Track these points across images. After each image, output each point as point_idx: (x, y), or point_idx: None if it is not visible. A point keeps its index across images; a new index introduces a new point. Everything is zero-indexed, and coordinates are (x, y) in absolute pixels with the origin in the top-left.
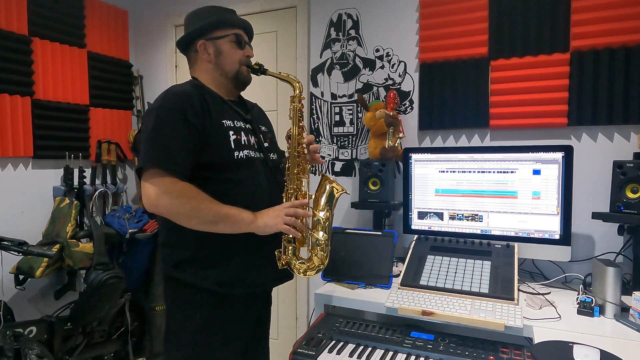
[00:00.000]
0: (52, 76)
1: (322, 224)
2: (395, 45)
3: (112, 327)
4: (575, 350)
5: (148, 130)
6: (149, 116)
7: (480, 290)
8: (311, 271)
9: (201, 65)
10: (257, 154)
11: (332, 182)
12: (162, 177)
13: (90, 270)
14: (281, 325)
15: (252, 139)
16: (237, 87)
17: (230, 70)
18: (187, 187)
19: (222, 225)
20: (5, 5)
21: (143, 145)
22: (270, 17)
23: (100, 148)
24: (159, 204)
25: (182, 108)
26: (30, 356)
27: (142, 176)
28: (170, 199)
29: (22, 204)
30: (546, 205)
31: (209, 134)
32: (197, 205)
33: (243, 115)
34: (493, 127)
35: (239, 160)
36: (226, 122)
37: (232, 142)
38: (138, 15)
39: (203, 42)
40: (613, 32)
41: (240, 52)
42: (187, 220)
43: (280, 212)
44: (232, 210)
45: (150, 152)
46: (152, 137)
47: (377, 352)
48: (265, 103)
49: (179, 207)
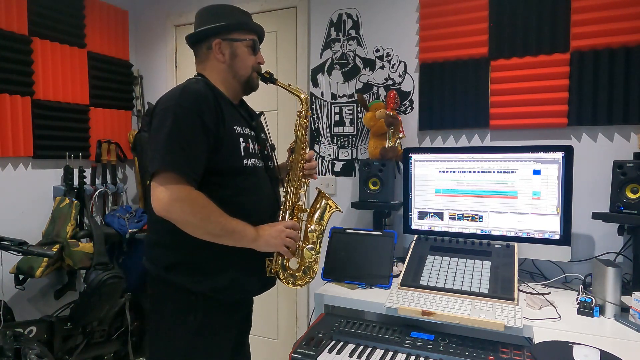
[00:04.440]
0: (52, 76)
1: (314, 239)
2: (395, 45)
3: (112, 327)
4: (575, 350)
5: (165, 129)
6: (164, 113)
7: (480, 291)
8: (300, 281)
9: (213, 64)
10: (260, 162)
11: (328, 199)
12: (178, 183)
13: (90, 270)
14: (281, 325)
15: (256, 147)
16: (245, 92)
17: (244, 74)
18: (200, 197)
19: (226, 239)
20: (5, 5)
21: (159, 145)
22: (270, 17)
23: (100, 148)
24: (170, 210)
25: (200, 110)
26: (30, 356)
27: (155, 178)
28: (182, 207)
29: (22, 204)
30: (546, 206)
31: (222, 139)
32: (207, 217)
33: (249, 122)
34: (493, 127)
35: (247, 169)
36: (237, 129)
37: (242, 150)
38: (138, 15)
39: (219, 42)
40: (613, 32)
41: (254, 58)
42: (193, 229)
43: (281, 234)
44: (238, 226)
45: (169, 155)
46: (170, 139)
47: (377, 352)
48: (266, 103)
49: (189, 216)
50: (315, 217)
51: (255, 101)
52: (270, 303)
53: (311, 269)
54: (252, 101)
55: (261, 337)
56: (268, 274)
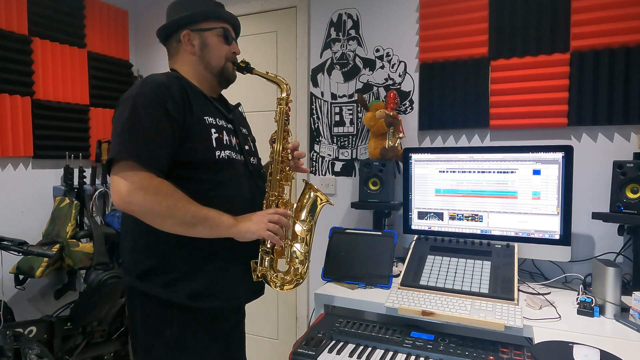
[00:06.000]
0: (52, 76)
1: (302, 235)
2: (395, 45)
3: (112, 327)
4: (575, 350)
5: (123, 118)
6: (125, 103)
7: (480, 291)
8: (288, 285)
9: (183, 57)
10: (238, 156)
11: (317, 191)
12: (137, 171)
13: (90, 270)
14: (281, 325)
15: (234, 140)
16: (221, 84)
17: (216, 65)
18: (164, 184)
19: (200, 227)
20: (5, 5)
21: (116, 135)
22: (270, 17)
23: (100, 148)
24: (131, 201)
25: (162, 98)
26: (30, 356)
27: (112, 169)
28: (144, 196)
29: (22, 204)
30: (546, 206)
31: (189, 129)
32: (173, 204)
33: (225, 114)
34: (493, 127)
35: (220, 161)
36: (208, 119)
37: (213, 141)
38: (138, 15)
39: (188, 33)
40: (613, 32)
41: (227, 47)
42: (161, 220)
43: (263, 218)
44: (211, 213)
45: (126, 144)
46: (128, 127)
47: (377, 352)
48: (265, 104)
49: (153, 205)
50: (304, 212)
51: (252, 101)
52: (270, 303)
53: (300, 270)
54: (249, 102)
55: (261, 337)
56: (255, 279)
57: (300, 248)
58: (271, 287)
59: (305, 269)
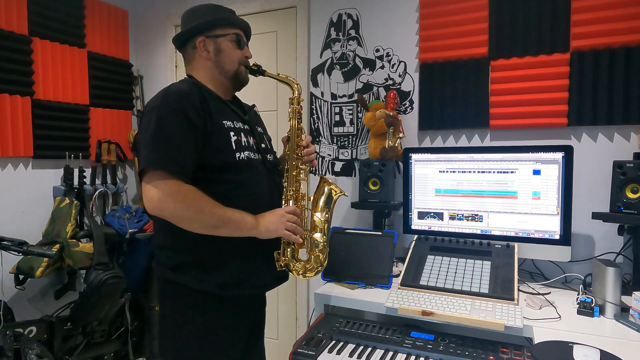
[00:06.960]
0: (52, 76)
1: (321, 226)
2: (395, 45)
3: (112, 327)
4: (575, 350)
5: (150, 130)
6: (149, 115)
7: (480, 291)
8: (310, 272)
9: (199, 63)
10: (256, 155)
11: (331, 184)
12: (166, 179)
13: (90, 270)
14: (281, 325)
15: (251, 140)
16: (235, 87)
17: (230, 69)
18: (191, 190)
19: (225, 229)
20: (5, 5)
21: (144, 146)
22: (270, 17)
23: (100, 148)
24: (162, 207)
25: (183, 107)
26: (30, 356)
27: (143, 178)
28: (174, 203)
29: (22, 204)
30: (546, 205)
31: (210, 134)
32: (200, 208)
33: (241, 116)
34: (493, 127)
35: (240, 162)
36: (226, 123)
37: (233, 143)
38: (138, 15)
39: (203, 39)
40: (613, 32)
41: (240, 52)
42: (189, 223)
43: (281, 218)
44: (235, 215)
45: (154, 154)
46: (155, 138)
47: (377, 352)
48: (265, 103)
49: (182, 211)
50: (320, 204)
51: (255, 101)
52: (270, 303)
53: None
54: (251, 101)
55: None
56: (278, 268)
57: (319, 237)
58: (294, 275)
59: (325, 257)
